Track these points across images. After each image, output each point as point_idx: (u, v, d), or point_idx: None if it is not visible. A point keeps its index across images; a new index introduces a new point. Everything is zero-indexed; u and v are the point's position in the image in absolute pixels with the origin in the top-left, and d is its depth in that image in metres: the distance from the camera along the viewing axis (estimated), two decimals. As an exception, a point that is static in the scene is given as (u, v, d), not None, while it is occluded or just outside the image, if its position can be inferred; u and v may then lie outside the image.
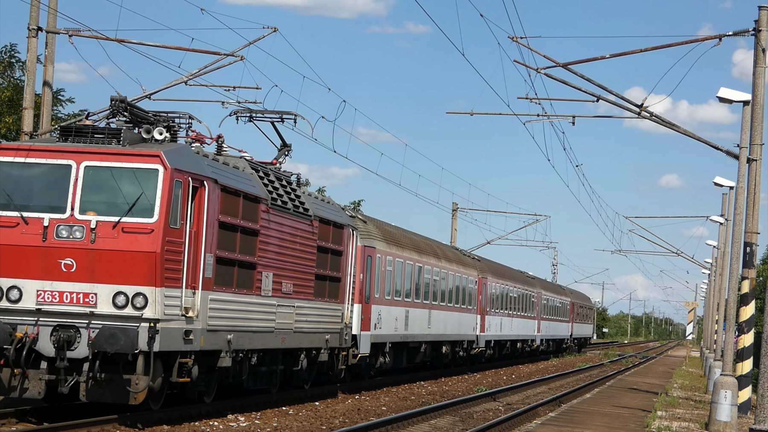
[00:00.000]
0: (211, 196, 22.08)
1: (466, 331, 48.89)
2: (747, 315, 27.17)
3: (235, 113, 29.38)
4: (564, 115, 36.20)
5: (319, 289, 28.74)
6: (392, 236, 37.97)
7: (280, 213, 25.85)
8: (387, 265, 36.34)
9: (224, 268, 22.94)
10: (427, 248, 42.91)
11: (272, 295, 25.51)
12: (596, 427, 26.20)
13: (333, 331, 29.93)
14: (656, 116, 28.78)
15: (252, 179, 24.78)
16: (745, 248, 26.79)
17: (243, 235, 23.77)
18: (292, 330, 26.83)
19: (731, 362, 27.94)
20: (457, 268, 47.20)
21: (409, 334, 39.28)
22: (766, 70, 26.55)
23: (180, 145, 21.86)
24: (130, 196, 20.68)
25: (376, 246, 35.06)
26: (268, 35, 32.42)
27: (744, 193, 27.37)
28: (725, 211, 44.77)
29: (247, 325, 24.16)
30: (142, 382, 20.45)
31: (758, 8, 26.71)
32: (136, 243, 20.47)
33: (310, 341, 28.30)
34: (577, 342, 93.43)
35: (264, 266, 24.93)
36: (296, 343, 27.27)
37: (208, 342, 22.32)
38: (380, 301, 35.57)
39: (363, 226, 34.67)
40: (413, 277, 39.82)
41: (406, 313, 38.68)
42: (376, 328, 35.00)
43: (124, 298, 20.40)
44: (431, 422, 26.85)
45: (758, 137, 27.05)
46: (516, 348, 63.68)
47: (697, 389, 45.46)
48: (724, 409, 26.28)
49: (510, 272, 62.91)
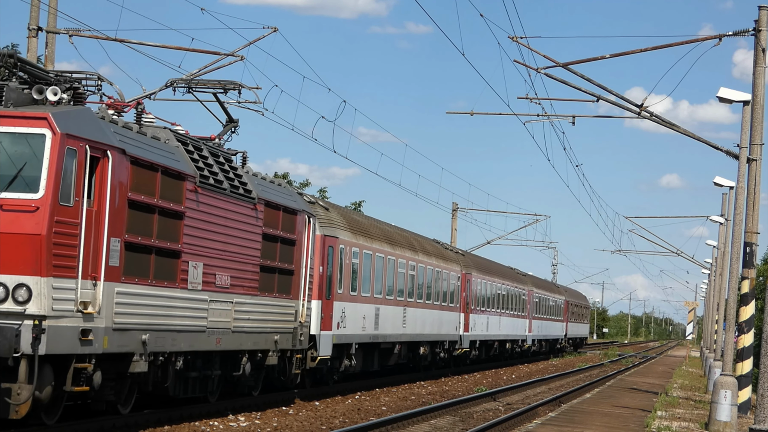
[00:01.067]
0: (117, 169, 18.53)
1: (448, 330, 45.26)
2: (747, 315, 27.06)
3: (171, 83, 25.89)
4: (564, 115, 36.28)
5: (266, 283, 25.21)
6: (359, 226, 34.35)
7: (214, 193, 22.31)
8: (353, 258, 32.74)
9: (137, 256, 19.39)
10: (401, 240, 39.29)
11: (203, 288, 21.96)
12: (596, 427, 25.96)
13: (284, 330, 26.39)
14: (656, 116, 28.72)
15: (176, 153, 21.23)
16: (745, 248, 26.75)
17: (162, 217, 20.22)
18: (230, 329, 23.28)
19: (731, 362, 27.80)
20: (437, 263, 43.58)
21: (381, 334, 35.67)
22: (766, 70, 26.41)
23: (77, 108, 18.22)
24: (9, 166, 17.14)
25: (339, 236, 31.46)
26: (268, 35, 32.18)
27: (744, 193, 27.25)
28: (725, 211, 44.63)
29: (168, 323, 20.58)
30: (25, 392, 16.89)
31: (758, 8, 26.55)
32: (17, 223, 16.93)
33: (255, 342, 24.75)
34: (573, 342, 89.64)
35: (191, 255, 21.38)
36: (236, 344, 23.72)
37: (114, 343, 18.75)
38: (345, 297, 31.98)
39: (324, 213, 31.07)
40: (385, 272, 36.19)
41: (376, 310, 35.10)
42: (340, 327, 31.42)
43: (2, 290, 16.88)
44: (431, 422, 26.60)
45: (758, 137, 26.94)
46: (505, 349, 60.00)
47: (697, 389, 45.15)
48: (724, 409, 26.22)
49: (498, 268, 59.21)
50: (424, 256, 41.60)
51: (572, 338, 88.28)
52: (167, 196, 20.31)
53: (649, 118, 28.77)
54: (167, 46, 30.86)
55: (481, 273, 51.90)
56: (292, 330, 26.88)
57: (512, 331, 60.39)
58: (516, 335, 61.84)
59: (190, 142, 22.27)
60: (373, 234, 35.36)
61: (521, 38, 28.61)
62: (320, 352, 29.77)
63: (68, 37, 29.43)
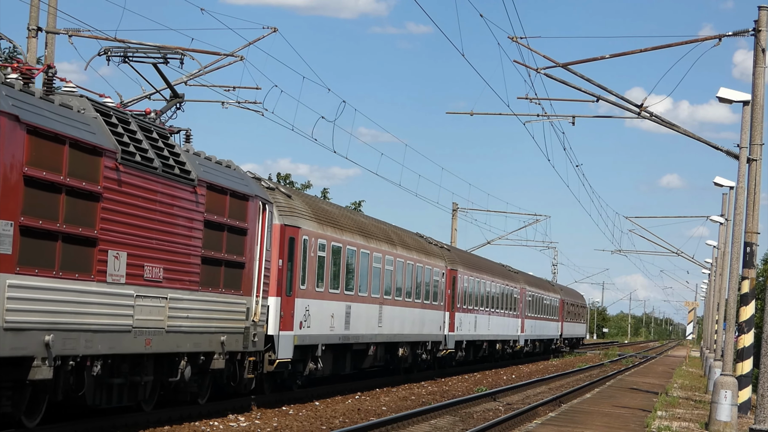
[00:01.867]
0: (7, 138, 15.62)
1: (431, 330, 42.33)
2: (747, 315, 27.04)
3: (105, 51, 23.00)
4: (564, 115, 36.46)
5: (210, 277, 22.31)
6: (327, 216, 31.39)
7: (141, 173, 19.39)
8: (319, 250, 29.80)
9: (37, 243, 16.47)
10: (377, 232, 36.33)
11: (128, 282, 19.05)
12: (596, 427, 25.96)
13: (233, 330, 23.49)
14: (656, 116, 28.74)
15: (93, 125, 18.29)
16: (745, 248, 26.79)
17: (72, 198, 17.29)
18: (163, 329, 20.36)
19: (731, 362, 27.97)
20: (419, 258, 40.65)
21: (352, 334, 32.74)
22: (766, 70, 26.38)
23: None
24: None
25: (302, 226, 28.51)
26: (268, 35, 32.20)
27: (744, 193, 27.31)
28: (725, 211, 44.61)
29: (81, 321, 17.64)
30: None
31: (758, 8, 26.46)
32: None
33: (196, 344, 21.84)
34: (569, 343, 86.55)
35: (111, 243, 18.46)
36: (171, 346, 20.80)
37: (6, 346, 15.81)
38: (309, 294, 29.06)
39: (285, 201, 28.12)
40: (357, 266, 33.23)
41: (347, 308, 32.17)
42: (303, 327, 28.49)
43: None
44: (431, 422, 26.55)
45: (758, 137, 26.94)
46: (495, 350, 57.04)
47: (697, 389, 45.23)
48: (724, 409, 26.28)
49: (487, 264, 56.21)
50: (404, 250, 38.68)
51: (568, 338, 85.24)
52: (78, 174, 17.39)
53: (649, 118, 28.76)
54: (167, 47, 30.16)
55: (468, 269, 48.94)
56: (243, 330, 23.99)
57: (503, 331, 57.44)
58: (507, 335, 58.87)
59: (114, 114, 19.34)
60: (343, 225, 32.42)
61: (521, 38, 28.68)
62: (279, 355, 26.87)
63: (68, 37, 29.25)
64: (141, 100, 30.26)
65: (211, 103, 33.04)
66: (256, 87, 33.12)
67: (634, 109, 28.62)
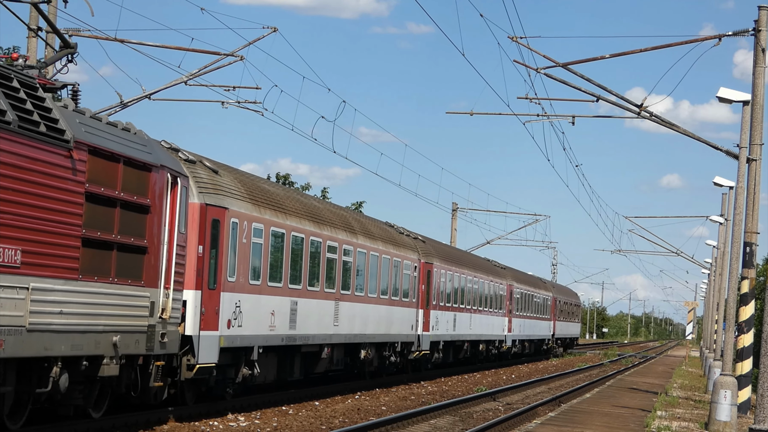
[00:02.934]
0: None
1: (401, 330, 38.29)
2: (747, 315, 27.23)
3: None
4: (564, 115, 36.48)
5: (96, 263, 18.27)
6: (267, 196, 27.26)
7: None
8: (254, 236, 25.74)
9: None
10: (333, 218, 32.22)
11: (-33, 267, 15.03)
12: (596, 427, 26.01)
13: (130, 329, 19.43)
14: (656, 116, 28.92)
15: None
16: (745, 248, 26.94)
17: None
18: (23, 327, 16.29)
19: (731, 362, 28.16)
20: (386, 248, 36.61)
21: (300, 334, 28.66)
22: (766, 70, 26.51)
23: None
24: None
25: (230, 206, 24.40)
26: (268, 35, 32.41)
27: (744, 193, 27.43)
28: (725, 211, 44.71)
29: None
30: None
31: (758, 8, 26.56)
32: None
33: (74, 346, 17.74)
34: (562, 343, 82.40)
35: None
36: (36, 348, 16.69)
37: None
38: (240, 287, 24.99)
39: (207, 176, 24.03)
40: (306, 256, 29.14)
41: (292, 305, 28.11)
42: (232, 325, 24.43)
43: None
44: (431, 422, 26.49)
45: (758, 137, 27.08)
46: (479, 351, 53.02)
47: (696, 389, 45.25)
48: (724, 408, 26.34)
49: (469, 258, 52.12)
50: (367, 240, 34.65)
51: (561, 338, 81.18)
52: None
53: (649, 118, 28.95)
54: (167, 46, 31.11)
55: (446, 263, 44.88)
56: (146, 328, 19.95)
57: (487, 330, 53.41)
58: (492, 335, 54.85)
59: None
60: (287, 208, 28.33)
61: (521, 38, 28.83)
62: (199, 359, 22.81)
63: (68, 37, 27.72)
64: (141, 100, 30.91)
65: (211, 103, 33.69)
66: (256, 87, 33.57)
67: (634, 109, 28.85)
